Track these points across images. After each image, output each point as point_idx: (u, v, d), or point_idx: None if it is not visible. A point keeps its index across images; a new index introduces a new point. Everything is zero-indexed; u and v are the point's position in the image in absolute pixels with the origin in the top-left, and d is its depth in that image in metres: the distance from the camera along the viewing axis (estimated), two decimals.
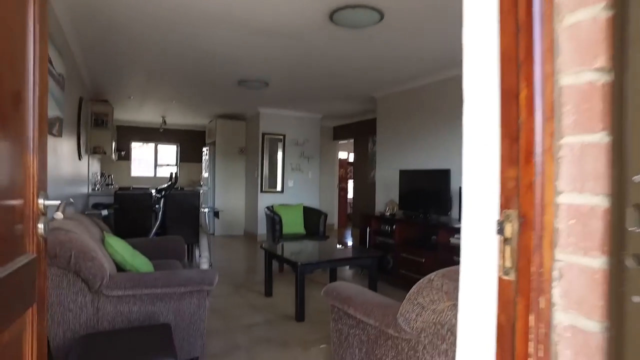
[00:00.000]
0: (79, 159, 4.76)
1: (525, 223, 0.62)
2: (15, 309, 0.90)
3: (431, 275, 1.63)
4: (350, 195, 10.28)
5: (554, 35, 0.62)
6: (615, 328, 0.53)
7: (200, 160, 9.90)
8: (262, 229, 7.22)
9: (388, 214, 4.94)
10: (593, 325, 0.57)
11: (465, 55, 0.79)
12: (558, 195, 0.61)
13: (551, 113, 0.62)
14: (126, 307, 2.24)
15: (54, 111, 2.86)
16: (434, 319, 1.61)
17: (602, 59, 0.57)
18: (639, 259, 0.49)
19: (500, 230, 0.67)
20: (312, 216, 5.64)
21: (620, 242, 0.52)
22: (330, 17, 3.12)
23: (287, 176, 7.69)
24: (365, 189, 7.99)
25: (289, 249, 4.07)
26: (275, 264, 4.51)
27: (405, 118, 5.38)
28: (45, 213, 1.05)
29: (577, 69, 0.60)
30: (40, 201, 1.03)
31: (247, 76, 5.05)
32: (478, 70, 0.75)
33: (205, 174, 9.01)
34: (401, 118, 5.45)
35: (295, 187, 7.75)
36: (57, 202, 1.06)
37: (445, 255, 3.91)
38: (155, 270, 2.78)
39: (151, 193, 5.21)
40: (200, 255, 5.73)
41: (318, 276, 4.74)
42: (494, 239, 0.69)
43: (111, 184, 7.90)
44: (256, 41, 3.72)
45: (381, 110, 5.91)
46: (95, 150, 6.06)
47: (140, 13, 3.11)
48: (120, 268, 2.64)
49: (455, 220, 4.21)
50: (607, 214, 0.56)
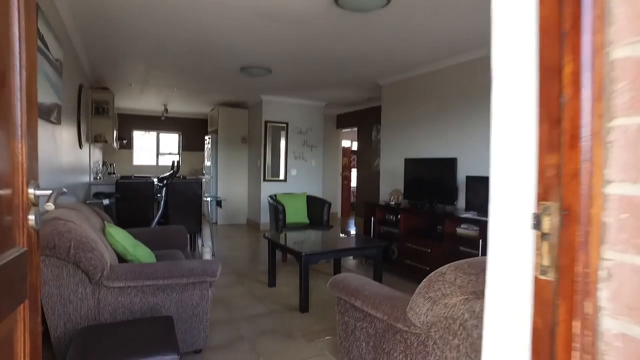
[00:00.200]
0: (80, 147, 4.69)
1: (569, 216, 0.55)
2: (4, 306, 0.84)
3: (443, 269, 1.57)
4: (353, 184, 10.21)
5: (605, 1, 0.54)
6: None
7: (203, 149, 9.83)
8: (265, 217, 7.19)
9: (393, 203, 4.87)
10: None
11: (494, 28, 0.70)
12: (607, 185, 0.54)
13: (600, 91, 0.54)
14: (127, 299, 2.19)
15: (52, 98, 2.78)
16: (445, 313, 1.55)
17: None
18: None
19: (536, 225, 0.60)
20: (316, 205, 5.58)
21: None
22: (336, 0, 3.01)
23: (290, 165, 7.63)
24: (369, 178, 7.92)
25: (292, 239, 4.01)
26: (278, 254, 4.46)
27: (410, 106, 5.27)
28: (36, 203, 0.99)
29: (633, 40, 0.52)
30: (31, 191, 0.96)
31: (250, 63, 4.95)
32: (510, 45, 0.66)
33: (207, 163, 8.95)
34: (407, 106, 5.35)
35: (298, 176, 7.70)
36: (49, 192, 0.99)
37: (451, 246, 3.85)
38: (158, 261, 2.74)
39: (153, 182, 5.15)
40: (203, 245, 5.70)
41: (322, 266, 4.70)
42: (529, 234, 0.62)
43: (113, 173, 7.86)
44: (258, 25, 3.61)
45: (386, 97, 5.80)
46: (96, 138, 6.00)
47: None
48: (121, 259, 2.60)
49: (461, 210, 4.14)
50: None
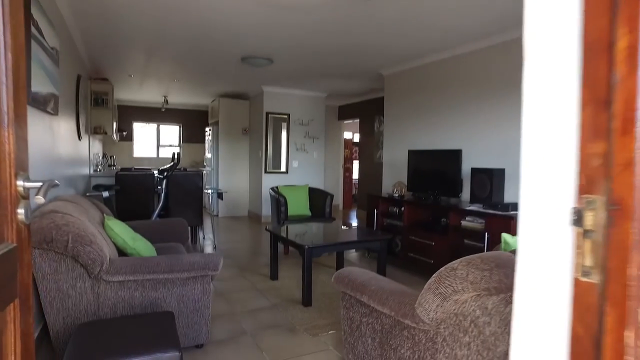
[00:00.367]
0: (79, 139, 4.62)
1: (620, 211, 0.48)
2: None
3: (454, 264, 1.51)
4: (355, 176, 10.13)
5: None
6: None
7: (203, 141, 9.75)
8: (267, 209, 7.14)
9: (396, 195, 4.81)
10: None
11: (527, 1, 0.63)
12: None
13: None
14: (127, 293, 2.14)
15: (48, 87, 2.70)
16: (455, 309, 1.49)
17: None
18: None
19: (577, 221, 0.53)
20: (318, 197, 5.52)
21: None
22: None
23: (292, 156, 7.56)
24: (371, 170, 7.85)
25: (294, 232, 3.96)
26: (280, 246, 4.41)
27: (414, 96, 5.18)
28: (26, 196, 0.92)
29: None
30: (20, 183, 0.89)
31: (251, 52, 4.85)
32: (546, 19, 0.59)
33: (208, 155, 8.88)
34: (410, 96, 5.26)
35: (299, 168, 7.63)
36: (39, 184, 0.93)
37: (456, 239, 3.79)
38: (158, 254, 2.68)
39: (153, 174, 5.08)
40: (204, 238, 5.66)
41: (324, 259, 4.66)
42: (567, 231, 0.56)
43: (113, 165, 7.80)
44: (259, 14, 3.51)
45: (389, 88, 5.70)
46: (95, 130, 5.92)
47: None
48: (121, 252, 2.55)
49: (466, 203, 4.08)
50: None
